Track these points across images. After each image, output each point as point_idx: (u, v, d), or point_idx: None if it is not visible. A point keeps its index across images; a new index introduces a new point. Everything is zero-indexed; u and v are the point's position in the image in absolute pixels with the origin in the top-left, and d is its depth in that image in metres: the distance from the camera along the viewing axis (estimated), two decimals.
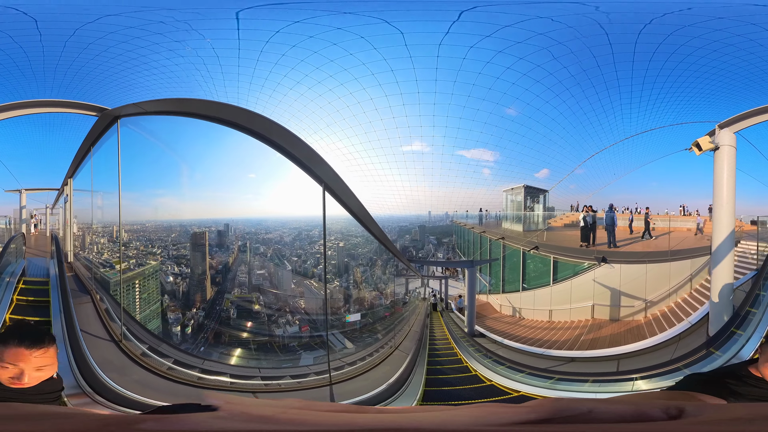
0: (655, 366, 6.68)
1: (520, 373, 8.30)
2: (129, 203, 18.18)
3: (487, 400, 7.18)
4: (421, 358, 8.74)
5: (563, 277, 13.31)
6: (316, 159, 5.48)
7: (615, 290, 11.63)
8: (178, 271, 18.73)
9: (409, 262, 17.04)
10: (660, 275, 11.12)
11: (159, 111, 6.01)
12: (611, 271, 11.67)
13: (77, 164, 8.26)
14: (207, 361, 6.58)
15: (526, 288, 15.17)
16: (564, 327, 12.29)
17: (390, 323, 16.63)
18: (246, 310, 18.09)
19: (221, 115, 5.11)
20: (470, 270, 14.55)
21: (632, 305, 11.40)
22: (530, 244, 14.55)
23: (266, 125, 5.20)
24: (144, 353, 4.89)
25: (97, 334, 4.75)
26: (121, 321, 5.33)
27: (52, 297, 5.00)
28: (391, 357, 8.35)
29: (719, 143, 6.81)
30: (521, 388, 7.38)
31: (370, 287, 20.84)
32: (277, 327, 18.22)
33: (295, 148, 5.30)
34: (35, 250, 7.73)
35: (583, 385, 7.37)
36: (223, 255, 19.96)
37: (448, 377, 8.64)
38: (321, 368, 7.36)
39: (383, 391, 5.99)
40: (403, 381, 6.64)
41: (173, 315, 16.47)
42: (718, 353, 6.24)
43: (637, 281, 11.36)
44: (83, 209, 9.68)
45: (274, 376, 7.05)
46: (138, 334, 5.68)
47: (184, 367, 5.07)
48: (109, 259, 16.36)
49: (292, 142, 5.27)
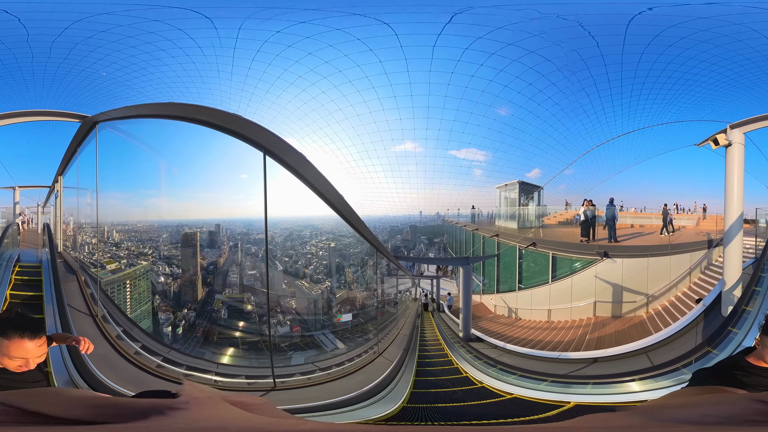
0: (686, 354, 6.85)
1: (511, 375, 8.28)
2: (120, 204, 18.15)
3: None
4: (409, 364, 8.41)
5: (562, 274, 13.06)
6: (299, 159, 5.67)
7: (617, 286, 11.51)
8: (169, 271, 18.72)
9: (398, 262, 17.11)
10: (660, 269, 11.11)
11: (137, 115, 6.24)
12: (613, 266, 11.59)
13: (65, 165, 8.63)
14: (171, 350, 6.52)
15: (523, 287, 14.82)
16: (566, 327, 12.03)
17: (381, 323, 16.70)
18: (237, 310, 18.11)
19: (198, 116, 5.29)
20: (465, 268, 13.63)
21: (634, 300, 11.31)
22: (527, 240, 14.23)
23: (243, 124, 5.38)
24: (119, 336, 5.12)
25: (80, 309, 5.24)
26: (102, 304, 5.50)
27: (44, 277, 5.54)
28: (374, 364, 7.84)
29: (732, 140, 7.85)
30: (514, 390, 7.18)
31: (362, 287, 20.94)
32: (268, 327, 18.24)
33: (282, 151, 5.48)
34: (27, 244, 8.07)
35: (585, 387, 7.32)
36: (214, 255, 19.98)
37: (439, 379, 8.46)
38: (307, 368, 7.36)
39: (367, 392, 5.91)
40: (388, 382, 6.54)
41: (164, 315, 16.46)
42: (715, 352, 6.52)
43: (639, 276, 11.32)
44: (74, 210, 9.89)
45: (260, 375, 7.07)
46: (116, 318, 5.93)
47: (150, 353, 5.24)
48: (99, 259, 16.35)
49: (276, 143, 5.45)
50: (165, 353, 5.65)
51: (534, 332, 12.49)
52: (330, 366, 7.41)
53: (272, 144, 5.55)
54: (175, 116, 5.42)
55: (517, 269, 14.89)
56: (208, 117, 5.34)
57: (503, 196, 16.78)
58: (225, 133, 5.48)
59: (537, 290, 13.86)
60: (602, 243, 12.22)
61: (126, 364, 4.59)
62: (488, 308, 16.44)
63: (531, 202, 15.84)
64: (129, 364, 4.60)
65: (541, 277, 13.81)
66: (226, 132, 5.42)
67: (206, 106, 5.47)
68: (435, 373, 8.83)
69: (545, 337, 11.66)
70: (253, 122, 5.46)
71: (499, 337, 12.37)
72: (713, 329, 7.11)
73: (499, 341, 11.91)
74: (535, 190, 15.69)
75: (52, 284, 5.15)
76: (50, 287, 5.12)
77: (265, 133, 5.49)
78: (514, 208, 16.12)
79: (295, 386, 5.92)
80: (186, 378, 4.95)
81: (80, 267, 7.41)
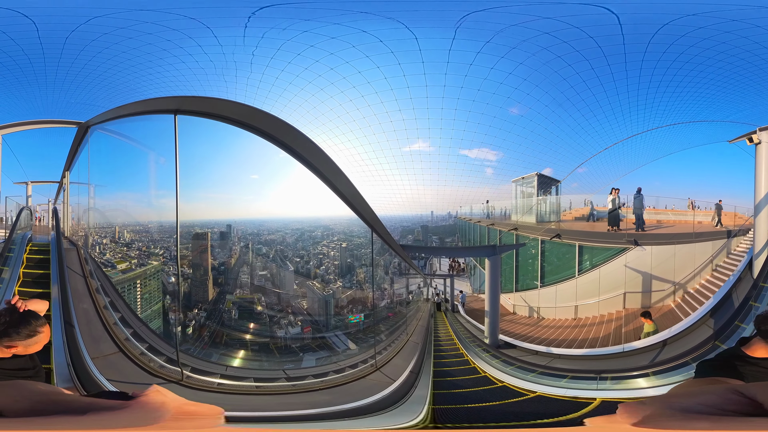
0: None
1: (531, 372, 8.12)
2: (132, 204, 18.21)
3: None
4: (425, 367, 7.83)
5: (589, 266, 12.62)
6: (320, 156, 5.40)
7: (647, 274, 11.24)
8: (180, 271, 18.67)
9: (411, 260, 16.79)
10: (685, 257, 11.02)
11: (128, 114, 6.15)
12: (642, 254, 11.31)
13: (69, 165, 9.45)
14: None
15: (546, 284, 14.16)
16: (595, 322, 11.66)
17: (393, 323, 16.37)
18: (248, 311, 17.97)
19: (196, 108, 5.08)
20: (492, 259, 11.80)
21: (663, 289, 11.10)
22: (549, 232, 13.69)
23: (262, 118, 5.11)
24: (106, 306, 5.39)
25: (76, 271, 6.13)
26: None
27: (51, 250, 6.63)
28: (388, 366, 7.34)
29: (762, 140, 9.46)
30: (536, 389, 7.01)
31: (373, 287, 20.69)
32: (279, 328, 18.07)
33: (301, 147, 5.23)
34: (39, 233, 9.30)
35: (604, 383, 7.12)
36: (225, 256, 19.91)
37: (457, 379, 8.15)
38: (319, 371, 6.97)
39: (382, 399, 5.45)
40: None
41: (174, 315, 16.38)
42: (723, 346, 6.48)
43: (667, 263, 11.12)
44: (84, 210, 10.30)
45: (270, 377, 6.76)
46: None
47: (136, 339, 5.09)
48: (110, 258, 16.40)
49: (294, 136, 5.19)
50: (170, 353, 5.43)
51: (565, 331, 12.00)
52: (343, 368, 6.97)
53: (291, 138, 5.27)
54: (170, 111, 5.18)
55: (539, 265, 14.24)
56: (219, 110, 5.10)
57: (520, 190, 16.23)
58: (242, 128, 5.25)
59: (562, 286, 13.26)
60: (630, 232, 11.93)
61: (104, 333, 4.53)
62: (506, 308, 15.75)
63: (549, 196, 15.30)
64: (106, 333, 4.53)
65: (566, 271, 13.27)
66: (242, 126, 5.18)
67: (221, 98, 5.20)
68: (453, 373, 8.52)
69: (577, 335, 11.29)
70: (273, 115, 5.16)
71: (529, 340, 11.73)
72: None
73: (541, 346, 11.12)
74: (554, 183, 15.19)
75: (56, 256, 6.19)
76: (55, 259, 6.15)
77: (285, 127, 5.22)
78: (532, 201, 15.48)
79: (304, 390, 5.57)
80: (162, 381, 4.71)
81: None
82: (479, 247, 16.41)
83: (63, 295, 5.18)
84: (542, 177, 15.32)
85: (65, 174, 9.21)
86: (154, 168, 15.38)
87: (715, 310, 8.28)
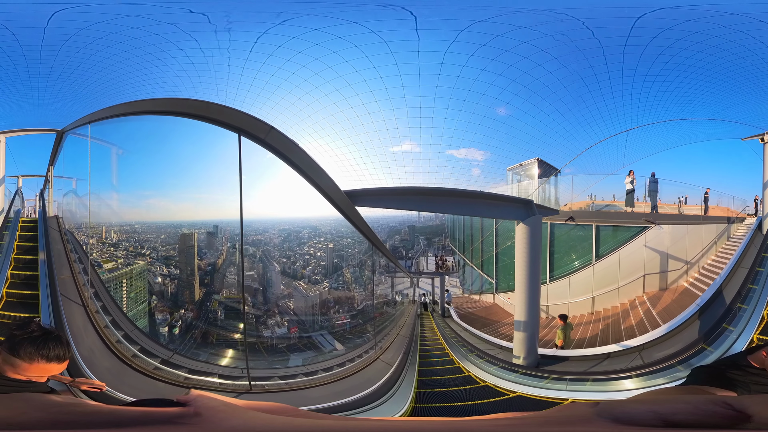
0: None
1: (513, 373, 7.77)
2: (118, 204, 18.13)
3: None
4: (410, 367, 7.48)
5: (607, 250, 11.80)
6: (304, 157, 5.56)
7: (664, 254, 11.16)
8: (166, 272, 18.64)
9: (397, 260, 16.87)
10: (695, 237, 11.26)
11: (103, 117, 6.44)
12: (659, 234, 11.29)
13: (53, 160, 10.51)
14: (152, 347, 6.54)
15: (555, 277, 12.76)
16: (620, 312, 10.71)
17: (379, 323, 16.47)
18: (234, 311, 17.99)
19: (173, 108, 5.21)
20: (532, 222, 7.19)
21: (678, 268, 11.04)
22: (563, 215, 12.26)
23: (244, 119, 5.27)
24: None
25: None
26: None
27: (39, 228, 7.62)
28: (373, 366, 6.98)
29: None
30: (516, 389, 6.78)
31: (360, 288, 20.83)
32: (265, 328, 18.14)
33: (286, 148, 5.39)
34: None
35: (584, 384, 6.95)
36: (213, 256, 19.91)
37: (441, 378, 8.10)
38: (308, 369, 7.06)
39: (370, 394, 5.52)
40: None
41: (161, 315, 16.37)
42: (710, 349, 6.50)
43: (681, 242, 11.23)
44: (72, 211, 11.04)
45: (262, 377, 6.82)
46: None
47: (117, 329, 5.26)
48: (96, 258, 16.31)
49: (279, 139, 5.34)
50: (167, 356, 5.55)
51: (589, 327, 10.76)
52: (332, 366, 7.09)
53: (278, 142, 5.39)
54: (146, 112, 5.37)
55: (547, 256, 12.77)
56: (193, 110, 5.22)
57: (515, 179, 15.10)
58: (227, 129, 5.38)
59: (575, 277, 12.14)
60: (646, 212, 11.93)
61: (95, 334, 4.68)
62: (505, 311, 14.69)
63: (548, 185, 14.50)
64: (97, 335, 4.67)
65: (582, 258, 12.25)
66: (227, 128, 5.32)
67: (200, 100, 5.36)
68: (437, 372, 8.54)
69: (616, 328, 10.09)
70: (256, 118, 5.29)
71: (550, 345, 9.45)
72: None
73: (590, 350, 8.22)
74: (553, 172, 14.46)
75: (43, 234, 7.17)
76: (42, 230, 7.34)
77: (269, 130, 5.35)
78: (533, 188, 13.68)
79: (286, 389, 5.70)
80: (187, 381, 4.83)
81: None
82: (508, 198, 9.22)
83: (48, 260, 5.95)
84: (543, 163, 13.99)
85: (50, 169, 10.40)
86: (128, 167, 15.98)
87: (719, 292, 8.04)
